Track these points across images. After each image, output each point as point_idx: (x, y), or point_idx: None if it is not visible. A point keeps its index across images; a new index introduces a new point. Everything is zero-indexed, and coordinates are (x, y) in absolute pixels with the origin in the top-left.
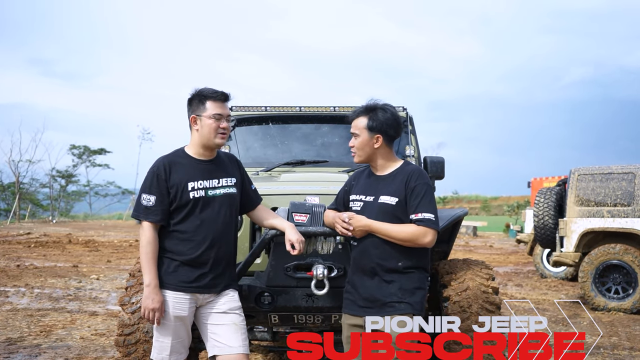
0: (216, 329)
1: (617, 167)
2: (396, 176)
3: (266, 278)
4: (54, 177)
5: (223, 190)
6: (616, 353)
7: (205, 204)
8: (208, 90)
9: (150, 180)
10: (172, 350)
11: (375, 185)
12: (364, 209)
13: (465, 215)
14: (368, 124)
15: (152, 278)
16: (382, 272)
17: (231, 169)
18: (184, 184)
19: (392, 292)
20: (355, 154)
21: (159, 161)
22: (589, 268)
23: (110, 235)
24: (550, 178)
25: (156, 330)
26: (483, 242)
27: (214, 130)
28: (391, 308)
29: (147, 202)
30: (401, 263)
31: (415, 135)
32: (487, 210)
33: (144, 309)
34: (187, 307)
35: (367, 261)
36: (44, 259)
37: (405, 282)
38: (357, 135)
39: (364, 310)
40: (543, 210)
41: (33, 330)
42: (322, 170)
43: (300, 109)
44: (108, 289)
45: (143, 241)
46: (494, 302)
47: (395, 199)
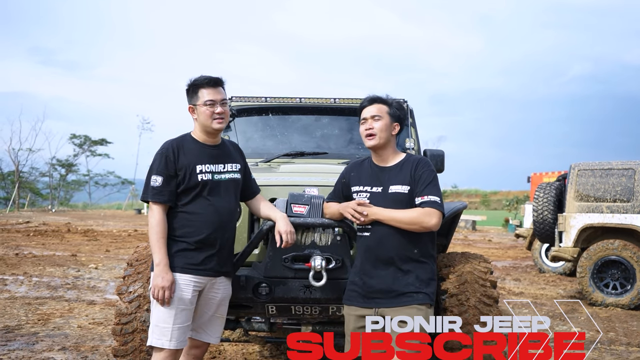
0: (205, 316)
1: (617, 162)
2: (403, 166)
3: (264, 269)
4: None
5: (229, 175)
6: (613, 348)
7: (212, 188)
8: (199, 79)
9: (158, 161)
10: (173, 336)
11: (381, 175)
12: (372, 199)
13: (465, 209)
14: (390, 111)
15: (162, 257)
16: (400, 261)
17: (235, 155)
18: (193, 167)
19: (410, 282)
20: (374, 137)
21: (167, 143)
22: (587, 263)
23: (109, 225)
24: (550, 173)
25: (157, 315)
26: (482, 237)
27: (209, 116)
28: (409, 298)
29: (154, 183)
30: (417, 250)
31: (416, 128)
32: (487, 205)
33: (154, 288)
34: (191, 289)
35: (383, 251)
36: (43, 248)
37: (422, 272)
38: (379, 117)
39: (375, 302)
40: (542, 205)
41: (31, 319)
42: (322, 161)
43: (301, 100)
44: (106, 278)
45: (152, 222)
46: (492, 295)
47: (407, 187)
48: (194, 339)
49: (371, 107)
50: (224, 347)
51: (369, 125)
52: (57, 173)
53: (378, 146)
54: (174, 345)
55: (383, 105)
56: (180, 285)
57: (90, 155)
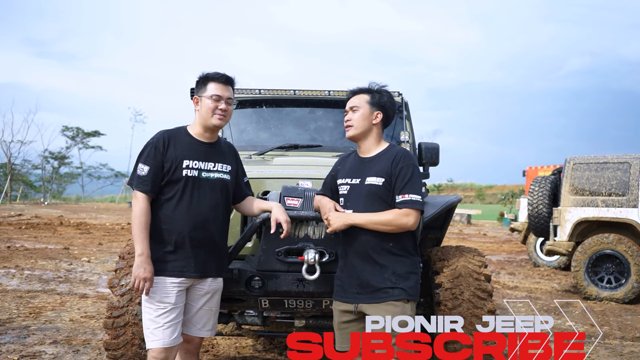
0: (193, 310)
1: (612, 156)
2: (382, 157)
3: (257, 262)
4: (47, 158)
5: (217, 175)
6: (607, 342)
7: (197, 185)
8: (212, 73)
9: (148, 151)
10: (163, 335)
11: (360, 167)
12: (351, 192)
13: (459, 202)
14: (370, 99)
15: (144, 248)
16: (376, 254)
17: (229, 156)
18: (180, 161)
19: (386, 277)
20: (350, 128)
21: (159, 134)
22: (582, 257)
23: (102, 218)
24: (545, 167)
25: (146, 315)
26: (477, 230)
27: (212, 110)
28: (385, 294)
29: (140, 172)
30: (392, 243)
31: (411, 121)
32: (482, 199)
33: (135, 278)
34: (176, 290)
35: (359, 245)
36: (35, 241)
37: (399, 266)
38: (356, 108)
39: (355, 297)
40: (537, 199)
41: (22, 312)
42: (316, 154)
43: (295, 92)
44: (99, 272)
45: (136, 211)
46: (486, 289)
47: (382, 179)
48: (185, 334)
49: (352, 98)
50: (216, 340)
51: (348, 117)
52: (50, 165)
53: (356, 137)
54: (165, 343)
55: (364, 95)
56: (164, 287)
57: (83, 147)
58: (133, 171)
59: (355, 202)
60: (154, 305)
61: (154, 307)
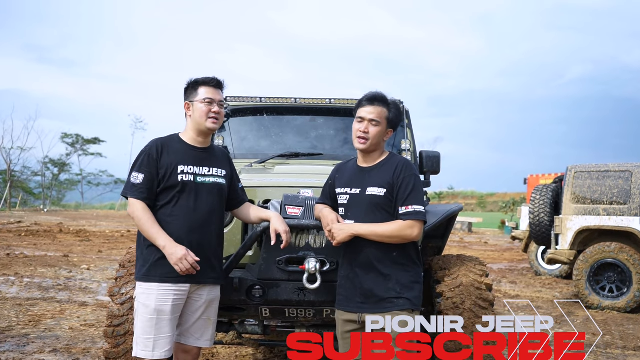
0: (190, 320)
1: (613, 165)
2: (383, 167)
3: (258, 271)
4: (46, 165)
5: (212, 179)
6: (609, 352)
7: (193, 190)
8: (202, 78)
9: (141, 159)
10: (156, 347)
11: (360, 177)
12: (351, 202)
13: (460, 211)
14: (389, 116)
15: (165, 239)
16: (379, 264)
17: (222, 161)
18: (174, 166)
19: (390, 287)
20: (366, 142)
21: (152, 142)
22: (583, 266)
23: (102, 226)
24: (546, 175)
25: (139, 326)
26: (478, 239)
27: (205, 114)
28: (390, 304)
29: (135, 180)
30: (396, 253)
31: (412, 130)
32: (483, 207)
33: (176, 266)
34: (171, 299)
35: (362, 256)
36: (35, 248)
37: (403, 276)
38: (377, 123)
39: (358, 307)
40: (539, 208)
41: (22, 320)
42: (317, 162)
43: (296, 100)
44: (98, 280)
45: (138, 214)
46: (487, 298)
47: (384, 190)
48: (183, 344)
49: (372, 108)
50: (217, 349)
51: (365, 129)
52: (50, 172)
53: (367, 150)
54: (158, 355)
55: (383, 109)
56: (159, 295)
57: (83, 154)
58: (127, 181)
59: (356, 212)
60: (147, 315)
61: (147, 317)
